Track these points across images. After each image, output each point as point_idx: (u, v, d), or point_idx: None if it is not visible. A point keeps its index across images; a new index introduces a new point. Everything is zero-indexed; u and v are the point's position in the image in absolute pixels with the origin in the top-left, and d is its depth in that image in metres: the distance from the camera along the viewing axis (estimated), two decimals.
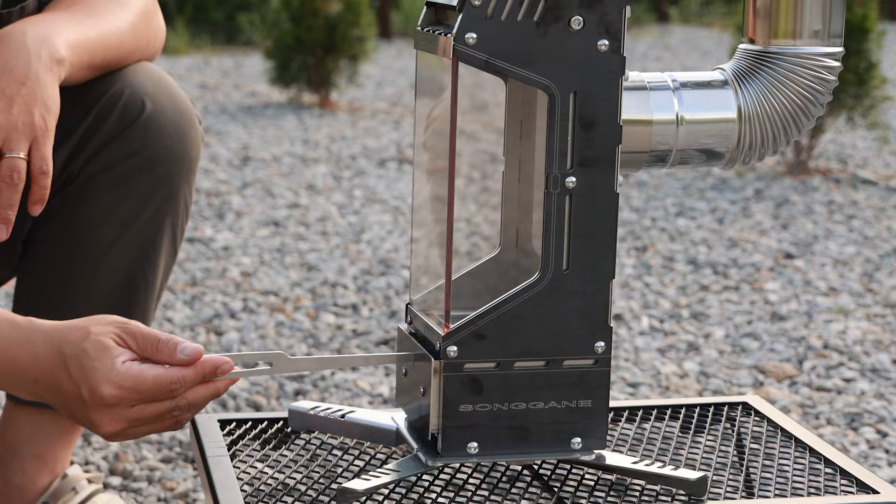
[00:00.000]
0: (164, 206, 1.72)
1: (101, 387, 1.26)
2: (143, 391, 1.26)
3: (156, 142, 1.68)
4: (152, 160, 1.68)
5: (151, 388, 1.26)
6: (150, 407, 1.28)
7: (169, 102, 1.70)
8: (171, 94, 1.72)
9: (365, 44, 6.37)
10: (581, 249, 1.30)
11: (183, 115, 1.72)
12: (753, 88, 1.40)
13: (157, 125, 1.68)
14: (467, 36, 1.27)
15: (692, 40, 9.93)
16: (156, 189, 1.70)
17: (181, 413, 1.29)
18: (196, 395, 1.29)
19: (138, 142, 1.68)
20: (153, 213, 1.71)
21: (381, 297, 3.11)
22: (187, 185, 1.74)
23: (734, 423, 1.57)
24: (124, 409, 1.27)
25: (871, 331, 2.89)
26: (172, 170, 1.70)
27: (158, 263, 1.74)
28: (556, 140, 1.29)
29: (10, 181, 1.46)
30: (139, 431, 1.30)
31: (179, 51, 8.65)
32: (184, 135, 1.71)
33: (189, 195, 1.75)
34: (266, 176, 4.61)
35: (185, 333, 2.81)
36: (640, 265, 3.45)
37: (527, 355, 1.31)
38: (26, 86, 1.49)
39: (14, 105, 1.48)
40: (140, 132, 1.67)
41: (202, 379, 1.28)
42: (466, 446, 1.31)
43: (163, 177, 1.70)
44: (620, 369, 2.63)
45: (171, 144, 1.69)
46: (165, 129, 1.69)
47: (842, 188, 4.50)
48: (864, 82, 4.65)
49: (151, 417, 1.28)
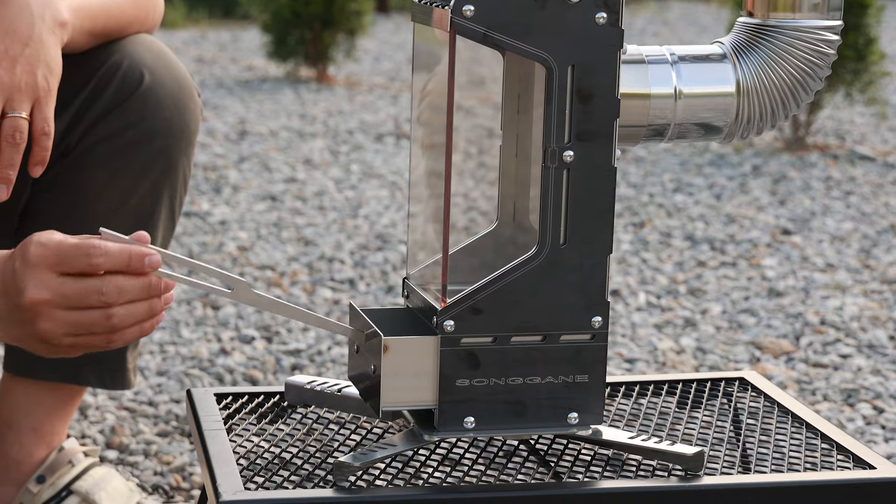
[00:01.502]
0: (163, 179, 1.71)
1: (28, 246, 1.28)
2: (64, 252, 1.27)
3: (154, 113, 1.68)
4: (151, 132, 1.68)
5: (72, 250, 1.27)
6: (75, 284, 1.27)
7: (168, 74, 1.70)
8: (170, 66, 1.71)
9: (362, 18, 6.35)
10: (578, 224, 1.30)
11: (182, 87, 1.71)
12: (752, 62, 1.39)
13: (156, 97, 1.68)
14: (465, 8, 1.26)
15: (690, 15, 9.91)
16: (154, 161, 1.70)
17: (109, 304, 1.27)
18: (125, 289, 1.27)
19: (137, 113, 1.67)
20: (151, 185, 1.71)
21: (378, 272, 3.10)
22: (186, 158, 1.73)
23: (731, 399, 1.57)
24: (47, 273, 1.27)
25: (868, 307, 2.89)
26: (171, 142, 1.70)
27: (156, 235, 1.74)
28: (554, 113, 1.28)
29: (11, 140, 1.46)
30: (67, 321, 1.29)
31: (176, 24, 8.63)
32: (183, 107, 1.71)
33: (188, 168, 1.75)
34: (263, 150, 4.60)
35: (182, 308, 2.81)
36: (638, 241, 3.45)
37: (523, 330, 1.31)
38: (29, 46, 1.49)
39: (17, 65, 1.48)
40: (139, 104, 1.67)
41: (128, 262, 1.27)
42: (463, 421, 1.31)
43: (161, 149, 1.69)
44: (617, 345, 2.62)
45: (170, 116, 1.69)
46: (164, 100, 1.69)
47: (839, 164, 4.50)
48: (863, 58, 4.64)
49: (76, 297, 1.27)
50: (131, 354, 1.80)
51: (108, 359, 1.77)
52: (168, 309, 2.78)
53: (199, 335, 2.64)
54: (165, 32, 8.22)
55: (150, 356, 2.51)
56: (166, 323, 2.71)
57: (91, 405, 2.25)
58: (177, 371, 2.43)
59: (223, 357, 2.51)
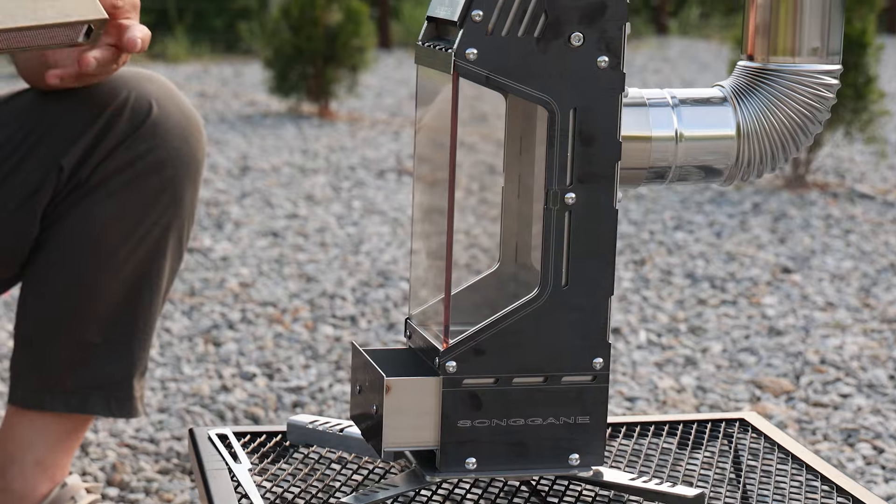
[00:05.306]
0: (171, 210, 1.74)
1: None
2: None
3: (163, 144, 1.72)
4: (159, 162, 1.72)
5: None
6: None
7: (174, 106, 1.74)
8: (175, 98, 1.76)
9: (365, 54, 6.38)
10: (580, 265, 1.31)
11: (188, 118, 1.75)
12: (752, 105, 1.40)
13: (164, 128, 1.72)
14: (468, 51, 1.27)
15: (691, 52, 9.95)
16: (162, 191, 1.73)
17: None
18: None
19: (146, 144, 1.71)
20: (159, 215, 1.74)
21: (380, 308, 3.11)
22: (193, 189, 1.76)
23: (731, 440, 1.57)
24: None
25: (868, 346, 2.89)
26: (179, 172, 1.73)
27: (164, 266, 1.77)
28: (556, 156, 1.29)
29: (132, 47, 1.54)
30: None
31: (179, 58, 8.66)
32: (190, 137, 1.75)
33: (194, 199, 1.78)
34: (265, 186, 4.62)
35: (184, 344, 2.81)
36: (638, 278, 3.45)
37: (525, 371, 1.31)
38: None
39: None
40: (148, 134, 1.71)
41: None
42: (465, 462, 1.31)
43: (169, 179, 1.73)
44: (618, 383, 2.63)
45: (178, 146, 1.73)
46: (172, 131, 1.73)
47: (839, 202, 4.51)
48: (863, 96, 4.66)
49: None
50: (138, 383, 1.81)
51: (114, 387, 1.78)
52: (170, 345, 2.78)
53: (200, 371, 2.64)
54: (168, 67, 8.25)
55: (151, 392, 2.52)
56: (168, 359, 2.71)
57: (92, 442, 2.26)
58: (178, 408, 2.43)
59: (224, 394, 2.52)
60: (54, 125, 1.71)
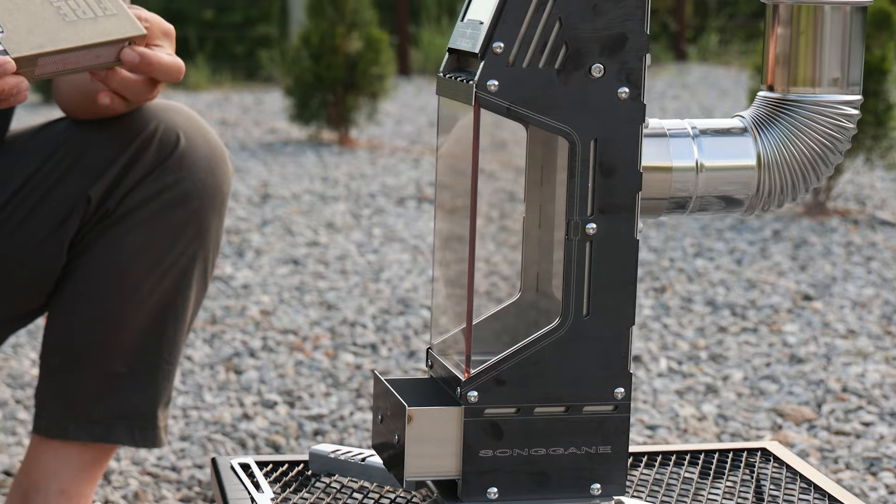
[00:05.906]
0: (196, 240, 1.76)
1: None
2: None
3: (189, 175, 1.73)
4: (186, 193, 1.73)
5: None
6: None
7: (201, 137, 1.76)
8: (201, 129, 1.77)
9: (385, 81, 6.40)
10: (601, 295, 1.31)
11: (214, 150, 1.77)
12: (773, 136, 1.41)
13: (191, 159, 1.74)
14: (489, 83, 1.28)
15: (710, 79, 9.95)
16: (188, 222, 1.74)
17: None
18: None
19: (173, 175, 1.73)
20: (185, 246, 1.75)
21: (401, 336, 3.12)
22: (218, 220, 1.78)
23: (753, 470, 1.57)
24: None
25: (890, 374, 2.88)
26: (205, 203, 1.75)
27: (189, 296, 1.78)
28: (577, 187, 1.30)
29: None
30: None
31: (200, 86, 8.70)
32: (216, 169, 1.76)
33: (220, 230, 1.79)
34: (285, 213, 4.63)
35: (205, 372, 2.82)
36: (659, 306, 3.45)
37: (547, 401, 1.32)
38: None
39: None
40: (175, 165, 1.73)
41: None
42: (486, 491, 1.32)
43: (196, 210, 1.74)
44: (639, 411, 2.63)
45: (205, 178, 1.74)
46: (199, 163, 1.74)
47: (860, 229, 4.50)
48: (883, 123, 4.66)
49: None
50: (162, 413, 1.82)
51: (139, 417, 1.79)
52: (191, 373, 2.79)
53: (221, 399, 2.65)
54: (189, 95, 8.30)
55: (172, 421, 2.52)
56: (189, 387, 2.72)
57: (114, 470, 2.26)
58: (200, 436, 2.44)
59: (246, 422, 2.52)
60: (83, 155, 1.73)
